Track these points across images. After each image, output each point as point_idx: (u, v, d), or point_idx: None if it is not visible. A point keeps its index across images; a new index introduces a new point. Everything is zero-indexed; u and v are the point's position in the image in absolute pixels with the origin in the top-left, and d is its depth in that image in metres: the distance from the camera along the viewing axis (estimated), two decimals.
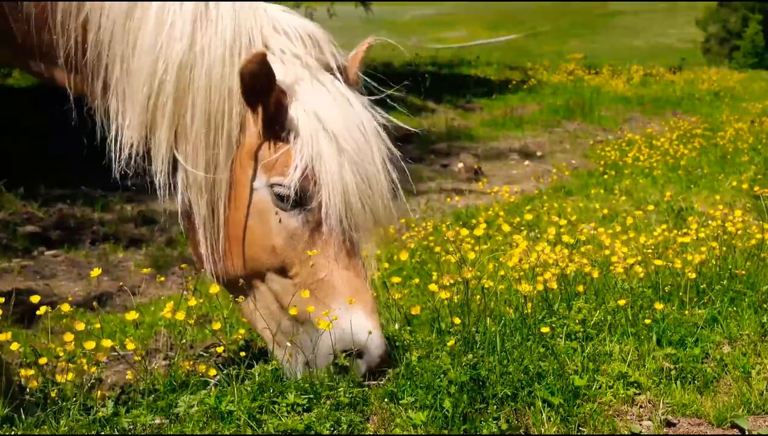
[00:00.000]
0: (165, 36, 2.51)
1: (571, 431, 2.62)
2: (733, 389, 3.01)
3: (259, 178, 2.60)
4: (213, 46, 2.52)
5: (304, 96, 2.58)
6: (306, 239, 2.60)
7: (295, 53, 2.64)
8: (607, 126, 16.65)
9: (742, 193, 8.41)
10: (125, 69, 2.55)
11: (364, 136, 2.63)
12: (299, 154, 2.53)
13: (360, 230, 2.63)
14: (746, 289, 3.91)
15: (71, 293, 6.27)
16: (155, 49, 2.51)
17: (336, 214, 2.56)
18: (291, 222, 2.59)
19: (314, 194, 2.57)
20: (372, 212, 2.62)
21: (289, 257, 2.61)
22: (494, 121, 16.93)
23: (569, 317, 3.35)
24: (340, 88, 2.67)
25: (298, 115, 2.56)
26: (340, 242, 2.60)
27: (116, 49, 2.55)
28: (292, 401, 2.50)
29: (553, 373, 2.82)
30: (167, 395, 2.58)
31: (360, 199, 2.57)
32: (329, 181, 2.54)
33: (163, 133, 2.55)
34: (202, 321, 4.70)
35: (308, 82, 2.61)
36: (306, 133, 2.54)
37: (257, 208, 2.61)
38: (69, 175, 9.76)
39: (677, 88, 22.27)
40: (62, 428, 2.35)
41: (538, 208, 8.00)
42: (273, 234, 2.60)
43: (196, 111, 2.53)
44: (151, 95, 2.53)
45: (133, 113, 2.56)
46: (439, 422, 2.49)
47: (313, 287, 2.60)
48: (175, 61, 2.51)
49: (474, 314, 3.22)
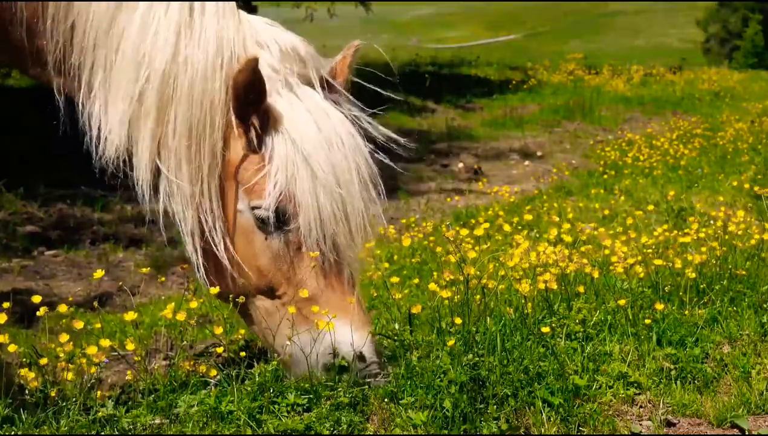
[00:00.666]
0: (149, 44, 2.50)
1: (571, 431, 2.62)
2: (733, 389, 3.01)
3: (242, 201, 2.61)
4: (196, 58, 2.51)
5: (282, 115, 2.57)
6: (290, 259, 2.61)
7: (275, 68, 2.62)
8: (607, 126, 16.66)
9: (742, 193, 8.41)
10: (108, 75, 2.55)
11: (343, 153, 2.60)
12: (273, 178, 2.53)
13: (339, 250, 2.62)
14: (746, 289, 3.91)
15: (71, 293, 6.27)
16: (138, 56, 2.50)
17: (314, 236, 2.56)
18: (274, 243, 2.60)
19: (294, 215, 2.56)
20: (347, 234, 2.62)
21: (275, 277, 2.62)
22: (494, 121, 16.94)
23: (569, 317, 3.35)
24: (321, 104, 2.65)
25: (273, 137, 2.55)
26: (323, 261, 2.60)
27: (100, 54, 2.55)
28: (292, 401, 2.50)
29: (553, 373, 2.82)
30: (167, 395, 2.58)
31: (335, 222, 2.57)
32: (305, 205, 2.54)
33: (144, 142, 2.55)
34: (202, 321, 4.70)
35: (286, 100, 2.60)
36: (281, 156, 2.54)
37: (243, 230, 2.62)
38: (69, 175, 9.75)
39: (677, 88, 22.29)
40: (62, 428, 2.35)
41: (538, 208, 8.00)
42: (258, 255, 2.62)
43: (177, 122, 2.52)
44: (132, 102, 2.52)
45: (114, 119, 2.55)
46: (439, 422, 2.49)
47: (299, 306, 2.61)
48: (158, 70, 2.50)
49: (474, 314, 3.22)
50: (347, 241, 2.63)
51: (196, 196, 2.57)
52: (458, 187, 10.78)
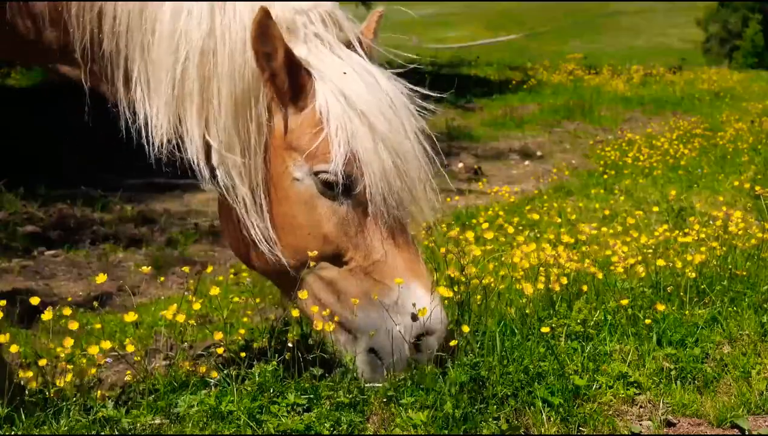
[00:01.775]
0: (183, 23, 2.48)
1: (571, 431, 2.62)
2: (733, 389, 3.01)
3: (301, 168, 2.55)
4: (233, 30, 2.48)
5: (330, 77, 2.54)
6: (356, 224, 2.57)
7: (315, 33, 2.60)
8: (607, 126, 16.66)
9: (742, 193, 8.41)
10: (146, 58, 2.52)
11: (395, 111, 2.58)
12: (336, 138, 2.49)
13: (403, 207, 2.60)
14: (746, 289, 3.91)
15: (71, 293, 6.27)
16: (175, 36, 2.47)
17: (380, 194, 2.52)
18: (340, 208, 2.56)
19: (359, 177, 2.52)
20: (410, 189, 2.59)
21: (342, 243, 2.57)
22: (494, 121, 16.94)
23: (570, 317, 3.35)
24: (365, 64, 2.63)
25: (326, 98, 2.52)
26: (388, 222, 2.57)
27: (135, 38, 2.52)
28: (292, 401, 2.50)
29: (554, 373, 2.82)
30: (167, 395, 2.58)
31: (398, 177, 2.54)
32: (369, 162, 2.50)
33: (192, 120, 2.52)
34: (201, 321, 4.70)
35: (332, 62, 2.57)
36: (337, 116, 2.50)
37: (303, 199, 2.57)
38: (69, 175, 9.77)
39: (677, 88, 22.28)
40: (62, 428, 2.35)
41: (538, 209, 8.00)
42: (324, 222, 2.56)
43: (222, 97, 2.49)
44: (175, 83, 2.50)
45: (160, 102, 2.53)
46: (439, 422, 2.49)
47: (369, 270, 2.56)
48: (196, 47, 2.47)
49: (475, 314, 3.22)
50: (411, 196, 2.60)
51: (249, 169, 2.54)
52: (458, 187, 10.77)
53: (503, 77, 23.43)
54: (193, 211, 9.36)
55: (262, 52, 2.45)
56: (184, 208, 9.45)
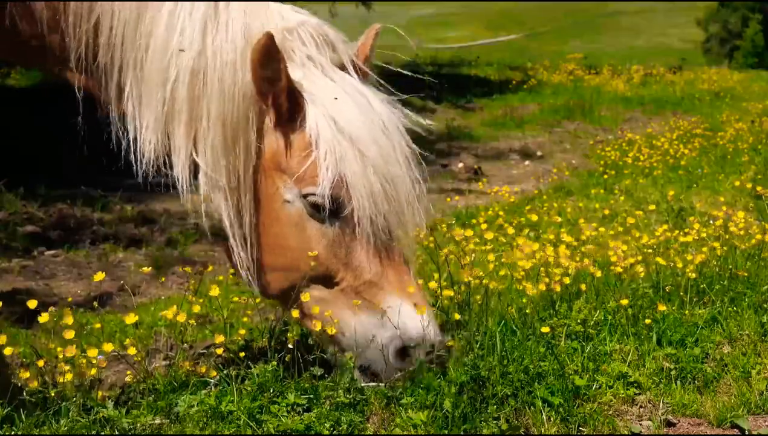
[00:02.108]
0: (176, 42, 2.49)
1: (571, 431, 2.62)
2: (733, 389, 3.01)
3: (291, 191, 2.57)
4: (224, 50, 2.49)
5: (321, 100, 2.55)
6: (346, 244, 2.58)
7: (308, 55, 2.61)
8: (607, 126, 16.66)
9: (742, 193, 8.41)
10: (139, 74, 2.53)
11: (386, 135, 2.60)
12: (324, 162, 2.51)
13: (392, 229, 2.61)
14: (746, 289, 3.91)
15: (71, 293, 6.27)
16: (167, 54, 2.49)
17: (367, 217, 2.54)
18: (329, 230, 2.58)
19: (346, 201, 2.54)
20: (398, 212, 2.61)
21: (332, 264, 2.59)
22: (494, 121, 16.94)
23: (570, 317, 3.35)
24: (357, 86, 2.64)
25: (317, 122, 2.53)
26: (377, 243, 2.58)
27: (128, 52, 2.54)
28: (292, 401, 2.50)
29: (554, 373, 2.82)
30: (167, 395, 2.58)
31: (386, 201, 2.56)
32: (356, 186, 2.52)
33: (180, 139, 2.53)
34: (201, 321, 4.70)
35: (324, 85, 2.58)
36: (327, 140, 2.52)
37: (293, 221, 2.59)
38: (69, 175, 9.76)
39: (677, 88, 22.28)
40: (62, 429, 2.35)
41: (538, 209, 8.00)
42: (313, 244, 2.58)
43: (211, 117, 2.50)
44: (165, 101, 2.51)
45: (150, 118, 2.54)
46: (439, 422, 2.49)
47: (360, 290, 2.58)
48: (187, 66, 2.48)
49: (475, 314, 3.21)
50: (399, 220, 2.61)
51: (234, 191, 2.56)
52: (458, 187, 10.77)
53: (503, 77, 23.42)
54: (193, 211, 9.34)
55: (264, 77, 2.46)
56: (184, 209, 9.43)
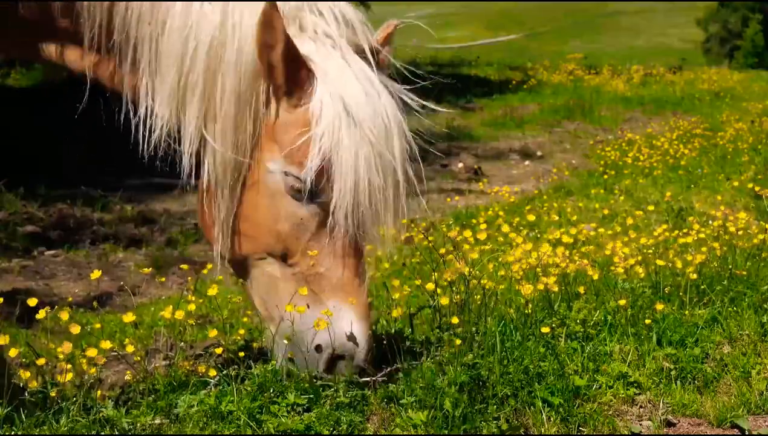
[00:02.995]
0: (195, 15, 2.48)
1: (571, 431, 2.62)
2: (733, 389, 3.01)
3: (275, 162, 2.55)
4: (245, 23, 2.48)
5: (332, 78, 2.52)
6: (312, 231, 2.56)
7: (327, 33, 2.59)
8: (607, 126, 16.66)
9: (742, 193, 8.41)
10: (154, 49, 2.52)
11: (387, 127, 2.57)
12: (317, 145, 2.47)
13: (366, 228, 2.57)
14: (746, 289, 3.91)
15: (71, 293, 6.27)
16: (185, 28, 2.48)
17: (344, 209, 2.50)
18: (300, 211, 2.55)
19: (326, 188, 2.51)
20: (377, 213, 2.57)
21: (292, 244, 2.57)
22: (494, 121, 16.94)
23: (569, 317, 3.35)
24: (369, 74, 2.60)
25: (323, 99, 2.50)
26: (344, 239, 2.55)
27: (144, 29, 2.52)
28: (292, 401, 2.50)
29: (553, 373, 2.82)
30: (167, 395, 2.58)
31: (370, 197, 2.52)
32: (343, 176, 2.49)
33: (192, 113, 2.52)
34: (201, 321, 4.70)
35: (338, 64, 2.55)
36: (328, 120, 2.48)
37: (269, 190, 2.57)
38: (69, 175, 9.77)
39: (677, 88, 22.28)
40: (62, 428, 2.35)
41: (538, 209, 8.00)
42: (281, 219, 2.56)
43: (225, 91, 2.49)
44: (181, 75, 2.50)
45: (163, 93, 2.53)
46: (439, 422, 2.49)
47: (310, 280, 2.57)
48: (206, 40, 2.47)
49: (474, 314, 3.21)
50: (375, 220, 2.58)
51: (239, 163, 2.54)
52: (458, 187, 10.78)
53: (503, 77, 23.42)
54: (193, 211, 9.33)
55: (263, 42, 2.43)
56: (184, 208, 9.44)
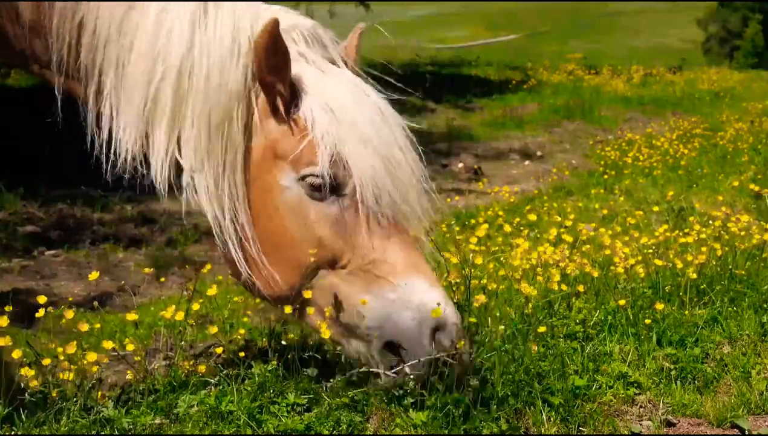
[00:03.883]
0: (163, 40, 2.47)
1: (571, 431, 2.62)
2: (733, 389, 3.01)
3: (288, 176, 2.53)
4: (212, 48, 2.48)
5: (315, 90, 2.53)
6: (350, 224, 2.53)
7: (299, 52, 2.60)
8: (607, 126, 16.65)
9: (742, 193, 8.41)
10: (120, 73, 2.52)
11: (383, 120, 2.57)
12: (323, 141, 2.47)
13: (396, 207, 2.55)
14: (746, 289, 3.92)
15: (71, 293, 6.27)
16: (153, 53, 2.47)
17: (371, 193, 2.49)
18: (331, 210, 2.53)
19: (346, 179, 2.50)
20: (401, 191, 2.56)
21: (337, 245, 2.53)
22: (494, 121, 16.93)
23: (569, 317, 3.35)
24: (351, 77, 2.63)
25: (312, 109, 2.50)
26: (382, 221, 2.53)
27: (111, 52, 2.52)
28: (292, 401, 2.50)
29: (554, 373, 2.82)
30: (167, 395, 2.58)
31: (389, 179, 2.52)
32: (357, 163, 2.48)
33: (161, 139, 2.51)
34: (201, 321, 4.70)
35: (317, 77, 2.57)
36: (323, 123, 2.49)
37: (291, 206, 2.54)
38: (69, 175, 9.75)
39: (677, 88, 22.27)
40: (62, 429, 2.35)
41: (538, 208, 8.00)
42: (316, 226, 2.53)
43: (195, 116, 2.48)
44: (147, 101, 2.49)
45: (128, 118, 2.52)
46: (439, 422, 2.49)
47: (369, 268, 2.51)
48: (174, 65, 2.46)
49: (475, 314, 3.21)
50: (402, 197, 2.56)
51: (219, 190, 2.53)
52: (458, 187, 10.78)
53: (503, 77, 23.41)
54: (193, 211, 9.34)
55: (271, 64, 2.43)
56: (184, 209, 9.43)
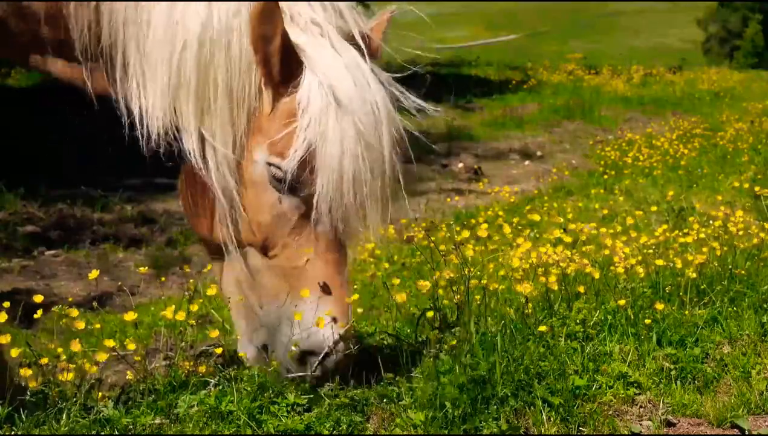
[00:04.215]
0: (180, 12, 2.46)
1: (571, 431, 2.62)
2: (733, 389, 3.01)
3: (261, 153, 2.52)
4: (230, 17, 2.45)
5: (321, 68, 2.49)
6: (293, 223, 2.53)
7: (315, 20, 2.56)
8: (607, 126, 16.66)
9: (742, 193, 8.41)
10: (142, 50, 2.50)
11: (377, 116, 2.53)
12: (303, 134, 2.44)
13: (350, 222, 2.54)
14: (746, 289, 3.91)
15: (71, 293, 6.27)
16: (172, 26, 2.46)
17: (327, 204, 2.48)
18: (281, 203, 2.53)
19: (309, 181, 2.48)
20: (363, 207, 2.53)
21: (273, 236, 2.55)
22: (494, 121, 16.93)
23: (569, 317, 3.35)
24: (360, 63, 2.57)
25: (311, 89, 2.47)
26: (326, 233, 2.53)
27: (130, 30, 2.50)
28: (292, 401, 2.50)
29: (553, 373, 2.82)
30: (167, 395, 2.58)
31: (355, 191, 2.48)
32: (327, 170, 2.45)
33: (189, 112, 2.49)
34: (201, 322, 4.70)
35: (328, 54, 2.52)
36: (316, 109, 2.45)
37: (254, 181, 2.55)
38: (69, 175, 9.77)
39: (677, 88, 22.28)
40: (62, 428, 2.35)
41: (538, 208, 8.00)
42: (263, 209, 2.54)
43: (218, 87, 2.47)
44: (171, 74, 2.47)
45: (155, 94, 2.50)
46: (439, 422, 2.49)
47: (288, 273, 2.54)
48: (193, 37, 2.45)
49: (474, 314, 3.21)
50: (360, 215, 2.54)
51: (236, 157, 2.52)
52: (458, 187, 10.78)
53: (503, 77, 23.40)
54: None
55: (260, 34, 2.41)
56: None
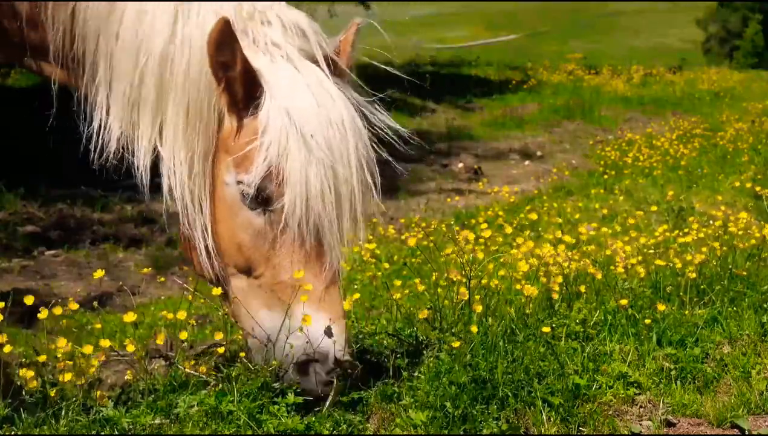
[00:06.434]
0: (146, 28, 2.48)
1: (571, 431, 2.62)
2: (733, 389, 3.01)
3: (230, 174, 2.54)
4: (193, 37, 2.48)
5: (280, 90, 2.50)
6: (269, 240, 2.53)
7: (275, 42, 2.57)
8: (607, 126, 16.67)
9: (742, 193, 8.41)
10: (109, 62, 2.54)
11: (341, 134, 2.52)
12: (264, 152, 2.45)
13: (323, 234, 2.53)
14: (746, 289, 3.91)
15: (71, 293, 6.27)
16: (136, 41, 2.48)
17: (297, 217, 2.48)
18: (256, 221, 2.53)
19: (276, 195, 2.48)
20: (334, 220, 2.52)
21: (254, 255, 2.56)
22: (494, 121, 16.95)
23: (570, 317, 3.35)
24: (323, 81, 2.57)
25: (270, 110, 2.48)
26: (304, 246, 2.52)
27: (101, 42, 2.54)
28: (292, 401, 2.50)
29: (554, 373, 2.82)
30: (167, 395, 2.58)
31: (323, 203, 2.49)
32: (294, 184, 2.46)
33: (145, 126, 2.52)
34: (201, 321, 4.70)
35: (286, 75, 2.53)
36: (275, 131, 2.46)
37: (228, 204, 2.56)
38: (69, 175, 9.76)
39: (677, 88, 22.29)
40: (62, 428, 2.35)
41: (538, 209, 8.00)
42: (240, 230, 2.56)
43: (176, 104, 2.49)
44: (132, 89, 2.51)
45: (117, 106, 2.54)
46: (439, 422, 2.49)
47: (275, 289, 2.54)
48: (156, 54, 2.47)
49: (475, 314, 3.21)
50: (334, 225, 2.53)
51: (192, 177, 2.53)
52: (458, 187, 10.79)
53: (503, 77, 23.41)
54: None
55: (219, 61, 2.42)
56: None
